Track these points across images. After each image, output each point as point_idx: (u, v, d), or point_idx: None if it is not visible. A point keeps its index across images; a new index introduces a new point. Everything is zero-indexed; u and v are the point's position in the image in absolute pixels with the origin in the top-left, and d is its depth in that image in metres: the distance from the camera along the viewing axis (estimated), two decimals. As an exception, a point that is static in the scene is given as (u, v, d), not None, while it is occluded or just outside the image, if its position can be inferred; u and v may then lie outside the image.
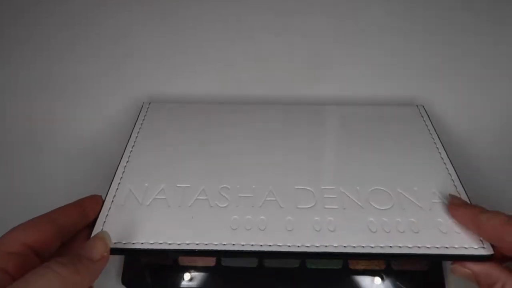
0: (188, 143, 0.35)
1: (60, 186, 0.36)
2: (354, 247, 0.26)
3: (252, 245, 0.27)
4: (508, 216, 0.25)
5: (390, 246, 0.26)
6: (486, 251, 0.26)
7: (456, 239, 0.27)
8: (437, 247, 0.26)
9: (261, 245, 0.27)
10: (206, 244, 0.27)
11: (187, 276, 0.34)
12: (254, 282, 0.34)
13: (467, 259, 0.26)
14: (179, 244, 0.27)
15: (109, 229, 0.27)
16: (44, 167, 0.38)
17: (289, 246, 0.27)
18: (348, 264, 0.33)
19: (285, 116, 0.38)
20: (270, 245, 0.27)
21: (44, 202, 0.34)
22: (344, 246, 0.26)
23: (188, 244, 0.27)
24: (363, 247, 0.26)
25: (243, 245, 0.27)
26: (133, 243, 0.27)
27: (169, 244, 0.27)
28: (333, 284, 0.34)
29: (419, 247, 0.26)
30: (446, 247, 0.26)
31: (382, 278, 0.33)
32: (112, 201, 0.29)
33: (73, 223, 0.26)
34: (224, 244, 0.27)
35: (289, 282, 0.34)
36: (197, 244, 0.27)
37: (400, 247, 0.26)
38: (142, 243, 0.27)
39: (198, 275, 0.34)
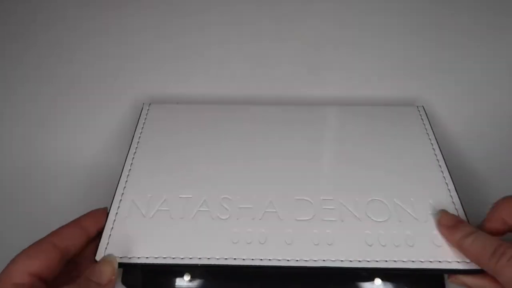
0: (189, 148, 0.35)
1: (62, 192, 0.37)
2: (350, 261, 0.27)
3: (252, 259, 0.28)
4: (490, 240, 0.26)
5: (386, 261, 0.27)
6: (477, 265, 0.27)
7: (449, 253, 0.28)
8: (431, 261, 0.27)
9: (261, 259, 0.28)
10: (208, 258, 0.28)
11: (187, 276, 0.33)
12: (254, 282, 0.34)
13: (459, 273, 0.27)
14: (182, 259, 0.28)
15: (114, 244, 0.28)
16: (43, 172, 0.39)
17: (288, 260, 0.28)
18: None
19: (285, 117, 0.38)
20: (270, 259, 0.28)
21: (45, 208, 0.36)
22: (341, 260, 0.27)
23: (191, 258, 0.28)
24: (359, 261, 0.27)
25: (244, 259, 0.28)
26: (138, 258, 0.28)
27: (173, 258, 0.28)
28: (333, 284, 0.33)
29: (413, 261, 0.27)
30: (439, 261, 0.27)
31: (382, 279, 0.33)
32: (116, 213, 0.30)
33: (75, 244, 0.27)
34: (226, 259, 0.28)
35: (289, 282, 0.34)
36: (199, 258, 0.28)
37: (395, 261, 0.27)
38: (147, 257, 0.28)
39: (198, 276, 0.33)
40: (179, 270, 0.30)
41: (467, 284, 0.27)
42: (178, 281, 0.33)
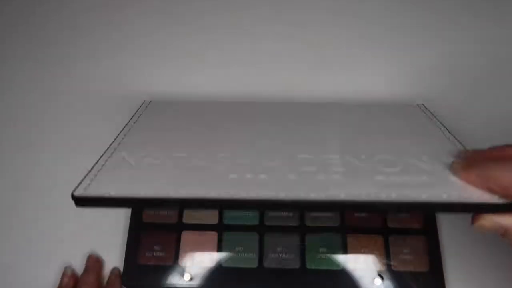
0: (187, 134, 0.34)
1: (59, 188, 0.35)
2: (364, 197, 0.24)
3: (251, 196, 0.24)
4: None
5: (404, 196, 0.24)
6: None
7: (475, 191, 0.24)
8: (455, 197, 0.24)
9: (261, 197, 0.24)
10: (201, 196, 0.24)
11: (187, 276, 0.33)
12: (254, 283, 0.33)
13: (490, 211, 0.23)
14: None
15: (98, 182, 0.25)
16: (41, 167, 0.38)
17: (291, 197, 0.24)
18: (348, 263, 0.32)
19: (285, 113, 0.37)
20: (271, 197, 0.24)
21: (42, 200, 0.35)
22: (353, 196, 0.24)
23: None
24: (374, 198, 0.24)
25: (241, 196, 0.24)
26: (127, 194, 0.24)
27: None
28: (333, 285, 0.33)
29: (435, 197, 0.24)
30: (465, 197, 0.24)
31: (382, 279, 0.32)
32: (103, 164, 0.28)
33: None
34: (220, 195, 0.24)
35: (289, 283, 0.33)
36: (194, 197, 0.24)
37: (414, 197, 0.24)
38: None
39: (198, 275, 0.33)
40: (167, 206, 0.26)
41: (499, 223, 0.23)
42: (178, 281, 0.33)
